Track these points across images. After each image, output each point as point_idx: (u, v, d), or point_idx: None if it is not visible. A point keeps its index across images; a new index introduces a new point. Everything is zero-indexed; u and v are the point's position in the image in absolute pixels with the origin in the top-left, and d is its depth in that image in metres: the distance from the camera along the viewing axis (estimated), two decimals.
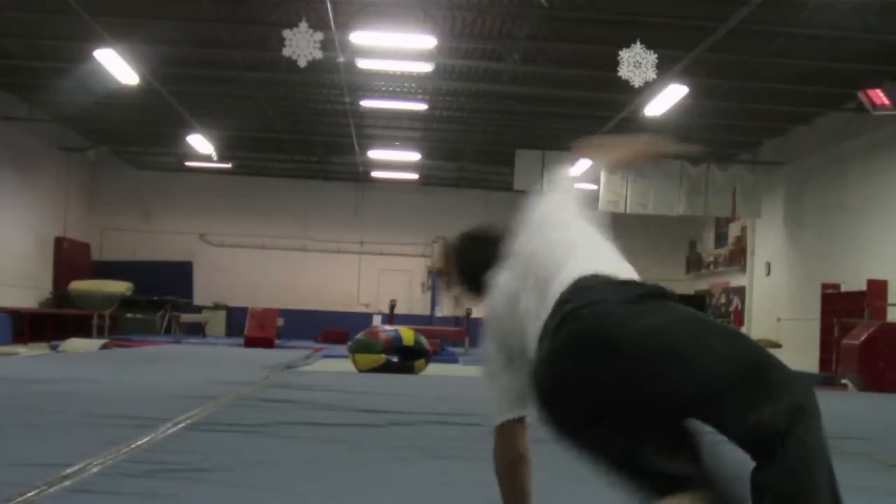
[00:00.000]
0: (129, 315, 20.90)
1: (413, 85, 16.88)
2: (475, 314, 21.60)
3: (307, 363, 12.52)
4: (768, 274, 20.07)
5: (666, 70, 12.65)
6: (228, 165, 23.56)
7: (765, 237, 20.36)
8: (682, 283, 24.36)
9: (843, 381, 12.02)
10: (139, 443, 3.93)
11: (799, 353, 16.60)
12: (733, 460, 2.04)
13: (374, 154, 22.11)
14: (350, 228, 25.39)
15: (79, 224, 23.28)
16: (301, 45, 11.34)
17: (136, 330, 20.43)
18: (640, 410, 2.01)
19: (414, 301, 25.28)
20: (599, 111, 17.02)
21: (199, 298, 23.90)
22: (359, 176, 24.66)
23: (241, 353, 14.27)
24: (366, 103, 17.59)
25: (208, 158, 21.54)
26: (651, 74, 11.42)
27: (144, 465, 3.40)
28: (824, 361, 15.83)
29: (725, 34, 11.79)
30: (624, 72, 11.37)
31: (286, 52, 11.42)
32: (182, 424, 4.63)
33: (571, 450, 2.12)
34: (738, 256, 21.82)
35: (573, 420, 2.09)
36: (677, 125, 17.54)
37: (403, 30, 13.05)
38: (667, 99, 14.47)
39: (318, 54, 11.45)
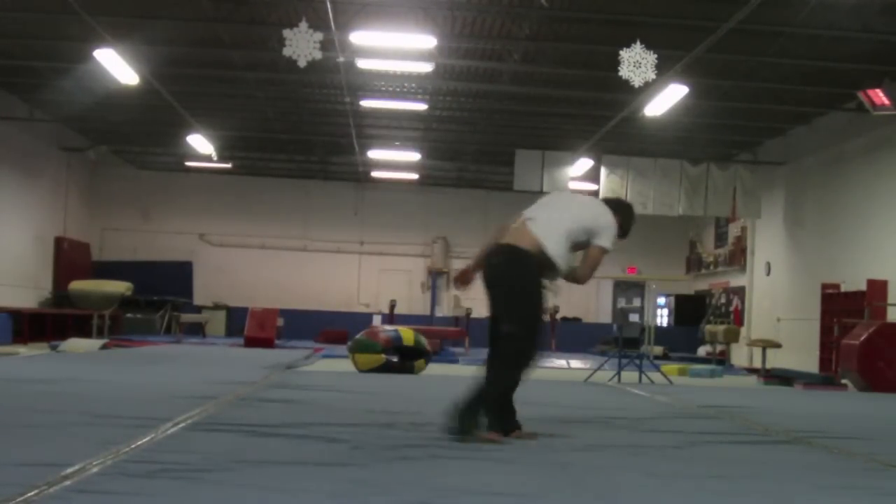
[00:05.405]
0: (129, 315, 20.90)
1: (413, 85, 16.88)
2: (475, 314, 21.65)
3: (307, 363, 12.52)
4: (768, 274, 20.07)
5: (666, 70, 12.65)
6: (228, 165, 23.57)
7: (765, 237, 20.36)
8: (682, 283, 24.37)
9: (843, 381, 12.01)
10: (139, 443, 3.93)
11: (799, 353, 16.61)
12: None
13: (374, 154, 22.11)
14: (350, 228, 25.39)
15: (79, 224, 23.29)
16: (301, 45, 11.34)
17: (136, 330, 20.43)
18: None
19: (414, 301, 25.29)
20: (599, 111, 17.02)
21: (199, 298, 23.90)
22: (359, 176, 24.67)
23: (241, 353, 14.27)
24: (366, 103, 17.59)
25: (208, 158, 21.55)
26: (651, 74, 11.41)
27: (144, 465, 3.40)
28: (824, 361, 15.83)
29: (725, 34, 11.79)
30: (624, 72, 11.37)
31: (286, 52, 11.42)
32: (182, 424, 4.63)
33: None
34: (738, 256, 21.82)
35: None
36: (677, 125, 17.56)
37: (403, 30, 13.05)
38: (667, 99, 14.47)
39: (318, 54, 11.45)
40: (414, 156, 22.24)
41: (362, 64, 14.65)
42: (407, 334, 10.86)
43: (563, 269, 4.79)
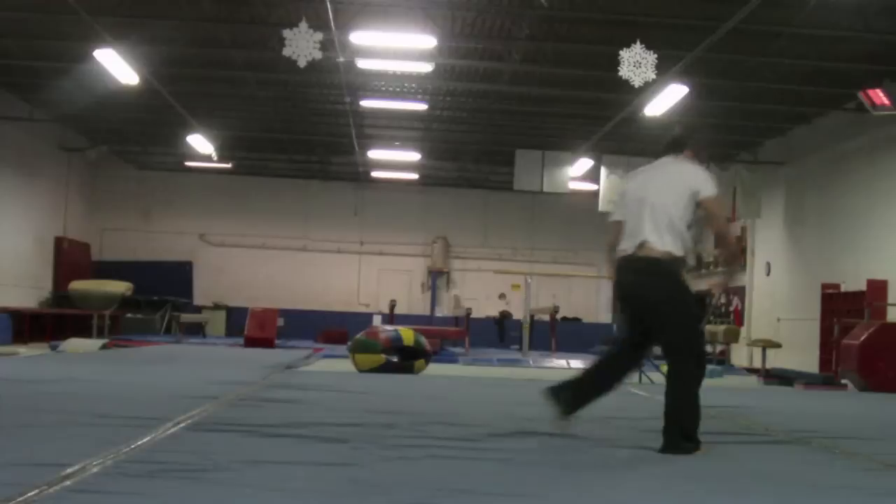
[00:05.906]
0: (129, 315, 20.89)
1: (413, 85, 16.88)
2: (474, 314, 21.63)
3: (307, 363, 12.52)
4: (768, 274, 20.06)
5: (666, 70, 12.65)
6: (228, 165, 23.57)
7: (765, 237, 20.35)
8: None
9: (843, 381, 12.01)
10: (139, 443, 3.93)
11: (799, 353, 16.60)
12: None
13: (374, 154, 22.10)
14: (350, 228, 25.39)
15: (79, 224, 23.29)
16: (301, 45, 11.34)
17: (136, 330, 20.41)
18: None
19: (414, 301, 25.29)
20: (599, 111, 17.02)
21: (199, 298, 23.91)
22: (359, 176, 24.66)
23: (241, 353, 14.27)
24: (366, 103, 17.59)
25: (208, 158, 21.54)
26: (651, 74, 11.42)
27: (144, 465, 3.40)
28: (824, 361, 15.83)
29: (725, 34, 11.79)
30: (624, 72, 11.37)
31: (286, 52, 11.42)
32: (182, 424, 4.63)
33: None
34: (738, 256, 21.81)
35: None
36: (677, 125, 17.54)
37: (403, 30, 13.05)
38: (667, 99, 14.47)
39: (318, 54, 11.45)
40: (414, 156, 22.24)
41: (362, 64, 14.65)
42: (407, 334, 10.86)
43: (693, 256, 4.94)
